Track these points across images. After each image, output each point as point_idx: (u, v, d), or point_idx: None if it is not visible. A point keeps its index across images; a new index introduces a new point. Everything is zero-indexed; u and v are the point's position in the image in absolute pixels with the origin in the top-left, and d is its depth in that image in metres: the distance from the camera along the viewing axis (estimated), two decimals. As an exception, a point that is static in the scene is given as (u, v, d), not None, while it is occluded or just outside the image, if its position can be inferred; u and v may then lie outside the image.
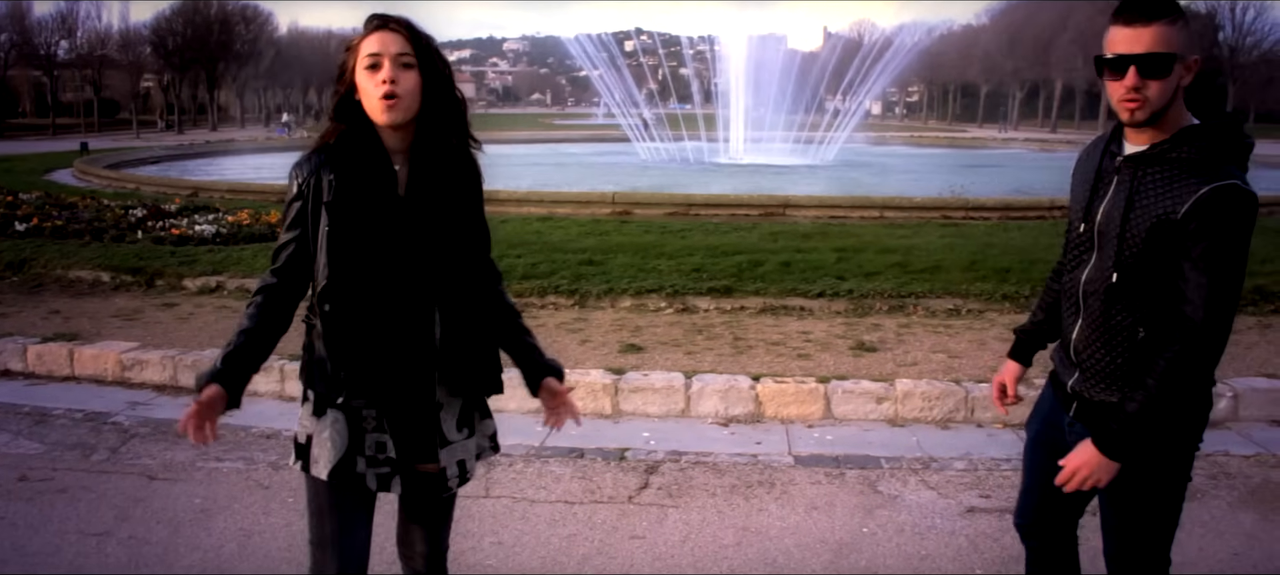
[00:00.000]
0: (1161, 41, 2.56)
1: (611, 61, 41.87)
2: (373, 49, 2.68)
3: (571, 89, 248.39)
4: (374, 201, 2.70)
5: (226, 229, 12.79)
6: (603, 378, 6.73)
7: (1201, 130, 2.64)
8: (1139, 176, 2.70)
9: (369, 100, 2.69)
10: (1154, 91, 2.59)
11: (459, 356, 2.82)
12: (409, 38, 2.71)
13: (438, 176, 2.76)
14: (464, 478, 2.96)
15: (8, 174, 24.06)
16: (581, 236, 12.36)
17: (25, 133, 72.71)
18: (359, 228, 2.69)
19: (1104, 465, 2.74)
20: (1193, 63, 2.63)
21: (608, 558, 4.61)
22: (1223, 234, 2.56)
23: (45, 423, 6.58)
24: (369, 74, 2.68)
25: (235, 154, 39.80)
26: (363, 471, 2.80)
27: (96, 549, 4.68)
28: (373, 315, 2.70)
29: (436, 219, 2.75)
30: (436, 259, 2.74)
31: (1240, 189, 2.55)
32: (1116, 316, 2.76)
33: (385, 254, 2.69)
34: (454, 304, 2.79)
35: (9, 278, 10.93)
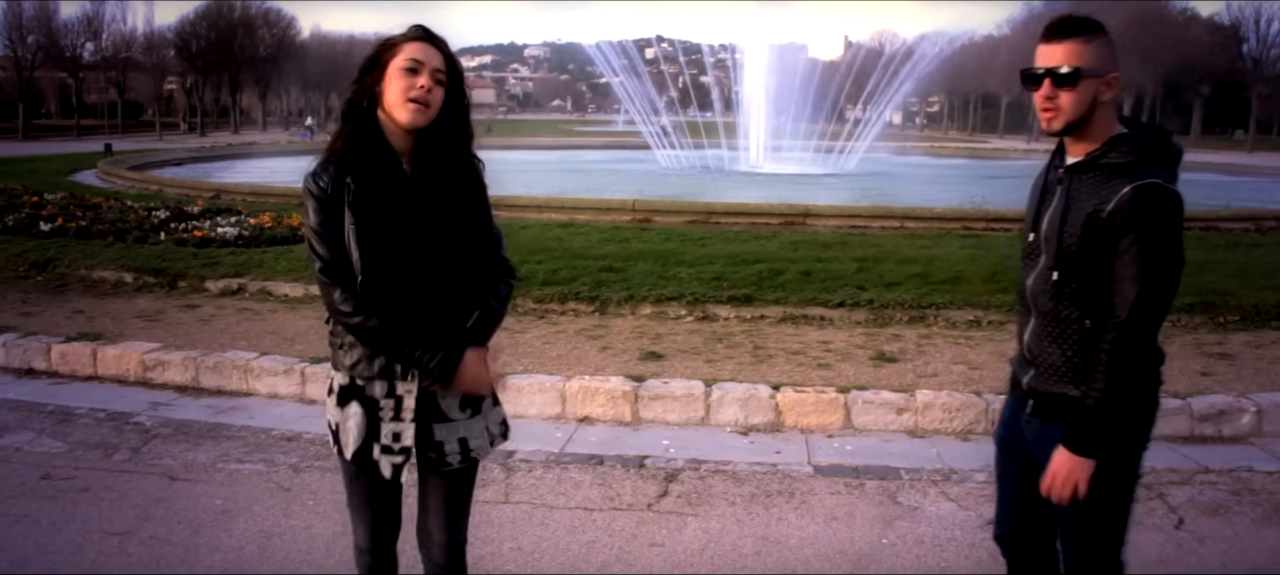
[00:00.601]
0: (1072, 57, 2.82)
1: (632, 68, 41.92)
2: (417, 55, 2.89)
3: (592, 95, 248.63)
4: (382, 197, 2.91)
5: (248, 231, 12.84)
6: (623, 385, 6.72)
7: (1129, 137, 2.86)
8: (1074, 183, 2.92)
9: (395, 96, 2.89)
10: (1065, 101, 2.84)
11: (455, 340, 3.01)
12: (445, 57, 2.95)
13: (439, 176, 2.98)
14: (466, 456, 3.11)
15: (33, 174, 24.25)
16: (602, 243, 12.36)
17: (50, 133, 73.31)
18: (382, 223, 2.90)
19: (1078, 464, 2.88)
20: (1112, 79, 2.86)
21: (627, 565, 4.61)
22: (1147, 230, 2.74)
23: (68, 422, 6.63)
24: (404, 76, 2.87)
25: (257, 157, 39.99)
26: (377, 458, 3.03)
27: (118, 548, 4.70)
28: (403, 301, 2.92)
29: (444, 217, 2.97)
30: (443, 248, 2.97)
31: (1162, 187, 2.74)
32: (1063, 311, 2.94)
33: (403, 245, 2.91)
34: (459, 294, 3.02)
35: (34, 277, 11.01)
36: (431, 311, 2.96)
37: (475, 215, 3.07)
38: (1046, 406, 3.03)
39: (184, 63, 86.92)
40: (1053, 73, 2.84)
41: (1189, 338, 8.14)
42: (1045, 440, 3.02)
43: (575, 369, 7.12)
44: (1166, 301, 2.81)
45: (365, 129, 2.94)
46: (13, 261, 11.58)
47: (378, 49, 2.96)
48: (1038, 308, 3.02)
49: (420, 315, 2.95)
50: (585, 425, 6.57)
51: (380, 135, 2.95)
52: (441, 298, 2.98)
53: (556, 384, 6.76)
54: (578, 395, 6.70)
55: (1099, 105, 2.86)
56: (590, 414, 6.66)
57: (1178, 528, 5.00)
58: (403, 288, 2.92)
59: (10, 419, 6.68)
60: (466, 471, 3.21)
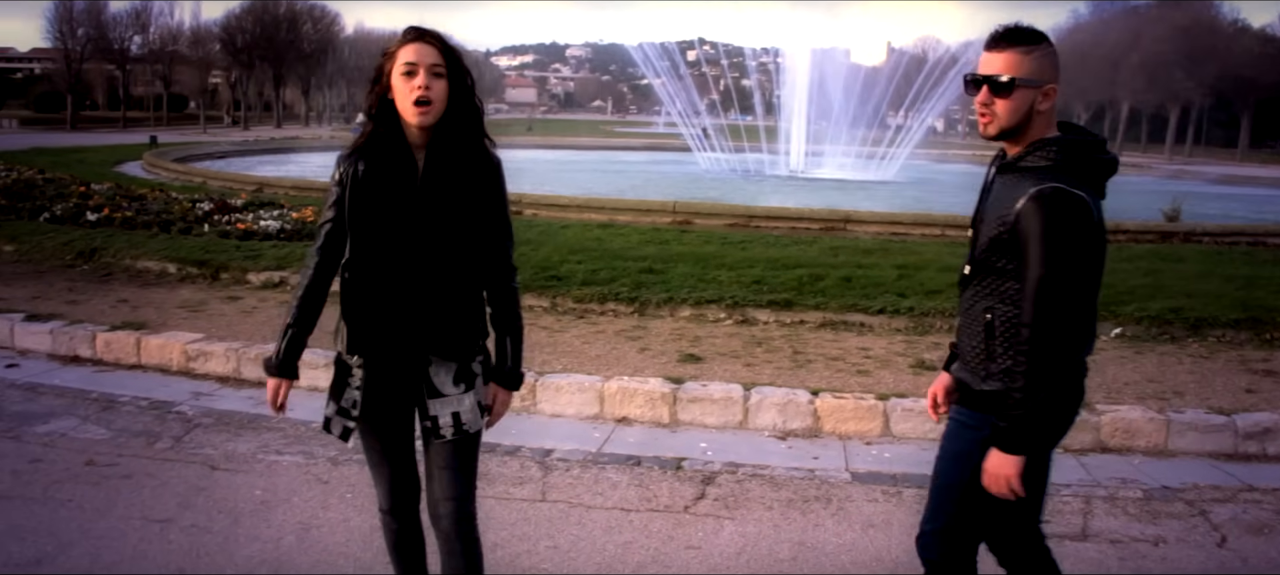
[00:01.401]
0: (1010, 67, 2.92)
1: (674, 70, 41.88)
2: (410, 58, 3.05)
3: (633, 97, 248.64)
4: (392, 187, 3.11)
5: (290, 225, 12.93)
6: (661, 387, 6.72)
7: (1051, 142, 2.95)
8: (998, 183, 3.08)
9: (402, 102, 3.07)
10: (1001, 109, 2.95)
11: (446, 325, 3.20)
12: (442, 51, 3.09)
13: (451, 170, 3.14)
14: (459, 429, 3.28)
15: (81, 165, 24.53)
16: (642, 244, 12.36)
17: (97, 125, 74.17)
18: (375, 208, 3.11)
19: (1008, 462, 2.93)
20: (1049, 89, 2.96)
21: (663, 566, 4.60)
22: (1046, 232, 2.82)
23: (112, 409, 6.70)
24: (405, 80, 3.05)
25: (300, 151, 40.24)
26: (330, 416, 3.34)
27: (159, 535, 4.75)
28: (380, 283, 3.14)
29: (446, 206, 3.12)
30: (441, 240, 3.13)
31: (1063, 191, 2.82)
32: (972, 304, 3.10)
33: (396, 231, 3.10)
34: (449, 280, 3.18)
35: (80, 266, 11.15)
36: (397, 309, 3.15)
37: (485, 210, 3.22)
38: (960, 391, 3.22)
39: (229, 57, 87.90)
40: (990, 80, 2.94)
41: (1234, 354, 8.04)
42: (955, 421, 3.25)
43: (614, 369, 7.12)
44: (1070, 302, 2.85)
45: (386, 124, 3.13)
46: (60, 250, 11.74)
47: (380, 60, 3.15)
48: (960, 296, 3.20)
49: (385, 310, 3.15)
50: (623, 426, 6.57)
51: (399, 130, 3.13)
52: (431, 290, 3.15)
53: (595, 384, 6.76)
54: (616, 396, 6.70)
55: (1036, 114, 2.96)
56: (628, 415, 6.66)
57: (1221, 546, 4.94)
58: (383, 273, 3.13)
59: (56, 405, 6.76)
60: (466, 442, 3.32)
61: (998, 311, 3.00)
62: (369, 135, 3.16)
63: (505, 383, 3.38)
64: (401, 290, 3.13)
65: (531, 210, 16.01)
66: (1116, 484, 5.68)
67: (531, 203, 16.42)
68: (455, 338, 3.23)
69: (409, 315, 3.15)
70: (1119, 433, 6.25)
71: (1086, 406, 6.45)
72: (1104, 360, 7.69)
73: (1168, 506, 5.37)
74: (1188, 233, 15.18)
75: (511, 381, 3.40)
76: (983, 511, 3.16)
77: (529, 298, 8.85)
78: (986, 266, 3.02)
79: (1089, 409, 6.41)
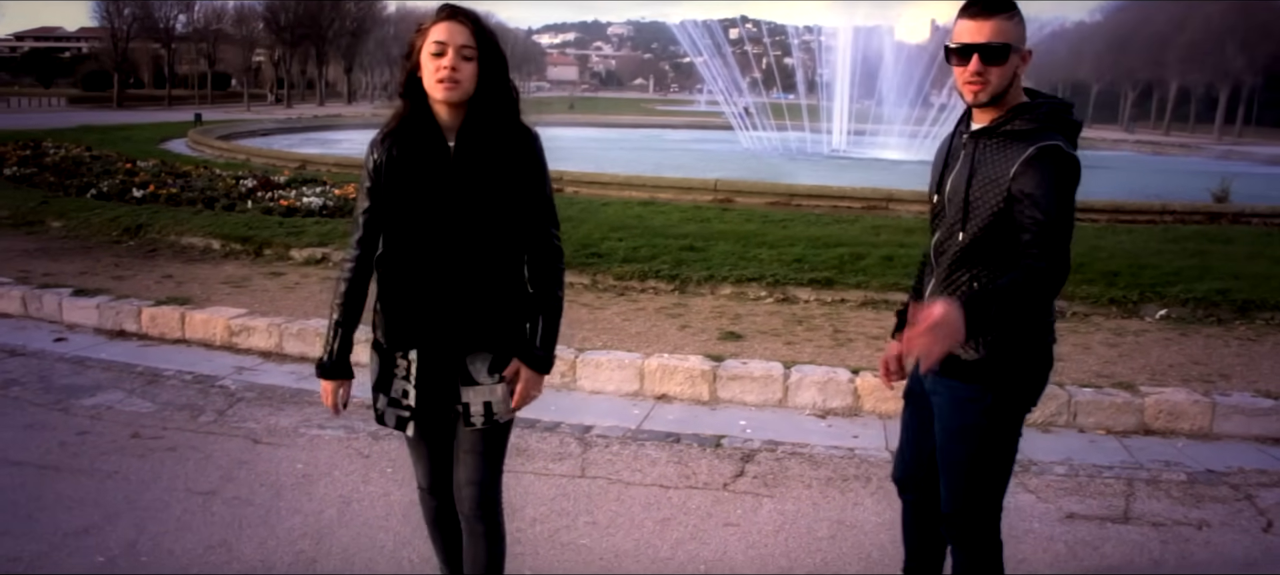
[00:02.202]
0: (1000, 33, 2.97)
1: (716, 48, 41.73)
2: (440, 37, 2.97)
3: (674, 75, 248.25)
4: (424, 170, 3.04)
5: (333, 202, 13.01)
6: (701, 364, 6.71)
7: (1032, 106, 3.05)
8: (980, 148, 3.10)
9: (428, 79, 3.00)
10: (994, 76, 3.00)
11: (484, 312, 3.14)
12: (474, 31, 3.00)
13: (484, 150, 3.05)
14: (489, 419, 3.23)
15: (127, 142, 24.79)
16: (683, 222, 12.34)
17: (143, 103, 75.00)
18: (409, 193, 3.05)
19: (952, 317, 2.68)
20: (1026, 54, 3.04)
21: (701, 543, 4.60)
22: (1053, 183, 2.91)
23: (157, 383, 6.78)
24: (433, 59, 2.98)
25: (342, 129, 40.51)
26: (382, 409, 3.32)
27: (202, 507, 4.80)
28: (416, 270, 3.10)
29: (480, 188, 3.05)
30: (476, 224, 3.06)
31: (1062, 149, 2.93)
32: (958, 270, 3.13)
33: (430, 216, 3.05)
34: (486, 265, 3.11)
35: (126, 242, 11.28)
36: (449, 286, 3.09)
37: (522, 189, 3.12)
38: (946, 363, 3.12)
39: (272, 35, 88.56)
40: (983, 48, 2.98)
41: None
42: (936, 396, 3.30)
43: (654, 347, 7.12)
44: (1064, 256, 2.90)
45: (416, 105, 3.07)
46: (107, 226, 11.89)
47: (412, 36, 3.08)
48: (938, 265, 3.21)
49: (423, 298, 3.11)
50: (663, 403, 6.57)
51: (428, 111, 3.07)
52: (466, 274, 3.09)
53: (635, 361, 6.76)
54: (656, 373, 6.70)
55: (1015, 79, 3.05)
56: (668, 392, 6.66)
57: (1266, 531, 4.87)
58: (417, 259, 3.09)
59: (103, 378, 6.85)
60: (495, 430, 3.28)
61: (984, 279, 3.07)
62: (400, 118, 3.09)
63: (531, 362, 3.21)
64: (438, 277, 3.08)
65: (573, 188, 16.00)
66: (1160, 466, 5.62)
67: (572, 180, 16.42)
68: (493, 325, 3.16)
69: (446, 303, 3.09)
70: (1163, 415, 6.18)
71: (1129, 388, 6.41)
72: (1148, 342, 7.61)
73: (1212, 490, 5.31)
74: (1237, 214, 14.95)
75: (537, 362, 3.22)
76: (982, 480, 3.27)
77: (570, 275, 8.83)
78: (980, 228, 3.05)
79: (1132, 391, 6.35)
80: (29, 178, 15.91)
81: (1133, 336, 7.81)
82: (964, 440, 3.24)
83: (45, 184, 15.26)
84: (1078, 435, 6.13)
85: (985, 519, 3.35)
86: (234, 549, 4.39)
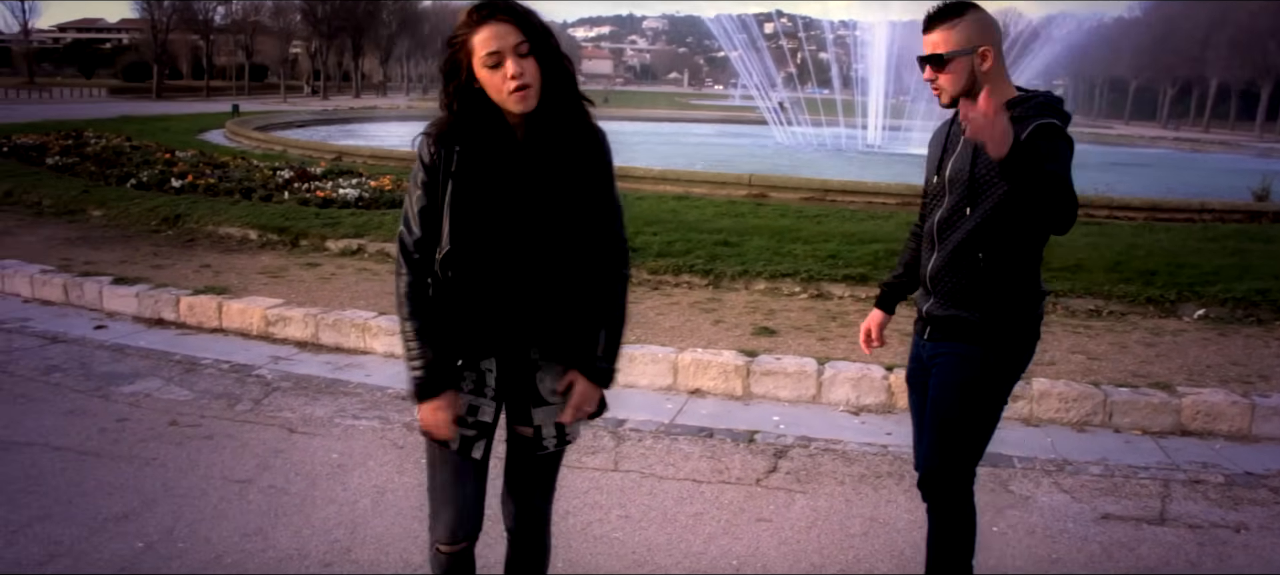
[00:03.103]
0: (942, 43, 3.23)
1: (751, 42, 41.63)
2: (491, 46, 2.66)
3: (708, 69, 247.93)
4: (495, 171, 2.76)
5: (369, 193, 13.07)
6: (735, 359, 6.70)
7: (1024, 98, 3.23)
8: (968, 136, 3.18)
9: (498, 95, 2.70)
10: (944, 81, 3.25)
11: (559, 322, 2.89)
12: (520, 25, 2.68)
13: (555, 147, 2.78)
14: (562, 440, 3.04)
15: (165, 133, 24.99)
16: (717, 217, 12.32)
17: (181, 94, 75.74)
18: (479, 195, 2.76)
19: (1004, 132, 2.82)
20: (985, 51, 3.21)
21: (733, 538, 4.60)
22: (1055, 148, 3.05)
23: (194, 371, 6.84)
24: (492, 72, 2.68)
25: (377, 121, 40.67)
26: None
27: (238, 495, 4.85)
28: (487, 278, 2.80)
29: (553, 188, 2.78)
30: (551, 227, 2.79)
31: (1059, 126, 3.13)
32: (966, 245, 3.28)
33: (503, 220, 2.76)
34: (559, 271, 2.84)
35: (165, 231, 11.38)
36: (522, 293, 2.81)
37: (593, 189, 2.85)
38: (941, 328, 3.41)
39: (309, 27, 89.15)
40: (930, 59, 3.26)
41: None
42: (937, 359, 3.45)
43: (688, 341, 7.12)
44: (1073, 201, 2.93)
45: (475, 101, 2.76)
46: (146, 216, 12.00)
47: (449, 49, 2.76)
48: (941, 242, 3.36)
49: (496, 308, 2.82)
50: (696, 398, 6.57)
51: (491, 105, 2.75)
52: (540, 280, 2.82)
53: (669, 355, 6.76)
54: (690, 367, 6.70)
55: (982, 75, 3.21)
56: (701, 387, 6.66)
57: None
58: (489, 265, 2.79)
59: (142, 366, 6.92)
60: (559, 453, 3.10)
61: (990, 252, 3.25)
62: (457, 111, 2.76)
63: (593, 375, 2.94)
64: (511, 285, 2.80)
65: (607, 182, 15.97)
66: (1197, 468, 5.57)
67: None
68: (569, 336, 2.90)
69: (521, 313, 2.83)
70: (1200, 416, 6.13)
71: (1167, 388, 6.36)
72: (1186, 342, 7.54)
73: (1251, 493, 5.25)
74: (1278, 213, 14.77)
75: (599, 375, 2.95)
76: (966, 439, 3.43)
77: (603, 269, 8.88)
78: (996, 216, 3.21)
79: (1169, 391, 6.30)
80: (70, 167, 16.09)
81: (1170, 336, 7.74)
82: (958, 396, 3.39)
83: (86, 173, 15.42)
84: (1113, 435, 6.08)
85: (961, 478, 3.52)
86: (269, 537, 4.43)
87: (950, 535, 3.57)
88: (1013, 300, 3.31)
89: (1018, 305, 3.33)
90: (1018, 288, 3.31)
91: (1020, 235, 3.23)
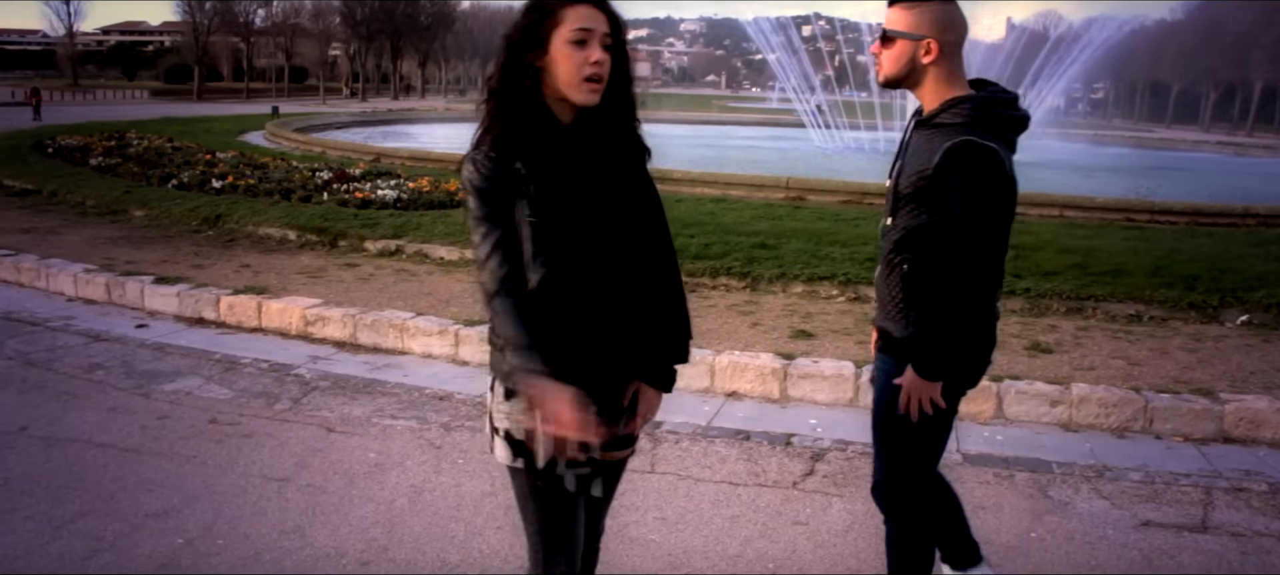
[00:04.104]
0: (891, 21, 3.24)
1: (789, 45, 41.53)
2: (585, 23, 2.47)
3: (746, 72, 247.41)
4: (569, 181, 2.53)
5: (407, 195, 13.15)
6: (772, 362, 6.69)
7: (962, 100, 3.16)
8: (914, 139, 3.30)
9: (567, 74, 2.49)
10: (885, 58, 3.26)
11: (646, 338, 2.73)
12: (608, 15, 2.53)
13: (612, 156, 2.63)
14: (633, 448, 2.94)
15: (206, 134, 25.26)
16: (754, 220, 12.30)
17: (222, 96, 76.55)
18: (562, 210, 2.51)
19: (922, 385, 3.20)
20: (929, 44, 3.19)
21: (770, 541, 4.58)
22: (962, 181, 3.04)
23: (234, 370, 6.90)
24: (574, 49, 2.47)
25: (415, 122, 40.92)
26: (562, 473, 2.67)
27: (277, 493, 4.88)
28: (584, 299, 2.58)
29: (620, 194, 2.63)
30: (623, 236, 2.63)
31: (976, 144, 3.03)
32: (893, 255, 3.29)
33: (588, 235, 2.56)
34: (640, 284, 2.69)
35: (205, 231, 11.50)
36: (619, 311, 2.64)
37: (649, 191, 2.73)
38: (882, 340, 3.42)
39: (348, 30, 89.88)
40: (882, 33, 3.27)
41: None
42: (879, 370, 3.45)
43: (725, 344, 7.11)
44: (985, 246, 3.04)
45: (531, 108, 2.53)
46: (187, 216, 12.14)
47: (534, 15, 2.51)
48: (882, 248, 3.37)
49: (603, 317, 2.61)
50: (733, 400, 6.56)
51: (551, 115, 2.55)
52: (629, 293, 2.66)
53: (705, 358, 6.75)
54: (726, 370, 6.69)
55: (923, 66, 3.22)
56: (738, 389, 6.65)
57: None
58: (584, 286, 2.57)
59: (183, 364, 6.99)
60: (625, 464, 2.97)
61: (913, 261, 3.21)
62: (508, 121, 2.52)
63: (660, 382, 2.83)
64: (608, 304, 2.62)
65: (644, 184, 15.98)
66: (1239, 476, 5.50)
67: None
68: (657, 351, 2.78)
69: (617, 333, 2.65)
70: (1243, 423, 6.05)
71: (1209, 394, 6.28)
72: (1228, 348, 7.45)
73: (1295, 500, 5.19)
74: (1323, 219, 14.56)
75: (666, 381, 2.84)
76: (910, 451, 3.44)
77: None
78: (906, 218, 3.23)
79: (1211, 397, 6.23)
80: (113, 168, 16.30)
81: (1212, 342, 7.65)
82: (885, 413, 3.41)
83: (129, 174, 15.63)
84: (1154, 441, 6.02)
85: (913, 489, 3.52)
86: (307, 535, 4.46)
87: (905, 544, 3.64)
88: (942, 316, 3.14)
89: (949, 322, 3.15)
90: (950, 303, 3.10)
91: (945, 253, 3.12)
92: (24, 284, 9.37)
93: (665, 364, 2.83)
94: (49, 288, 9.18)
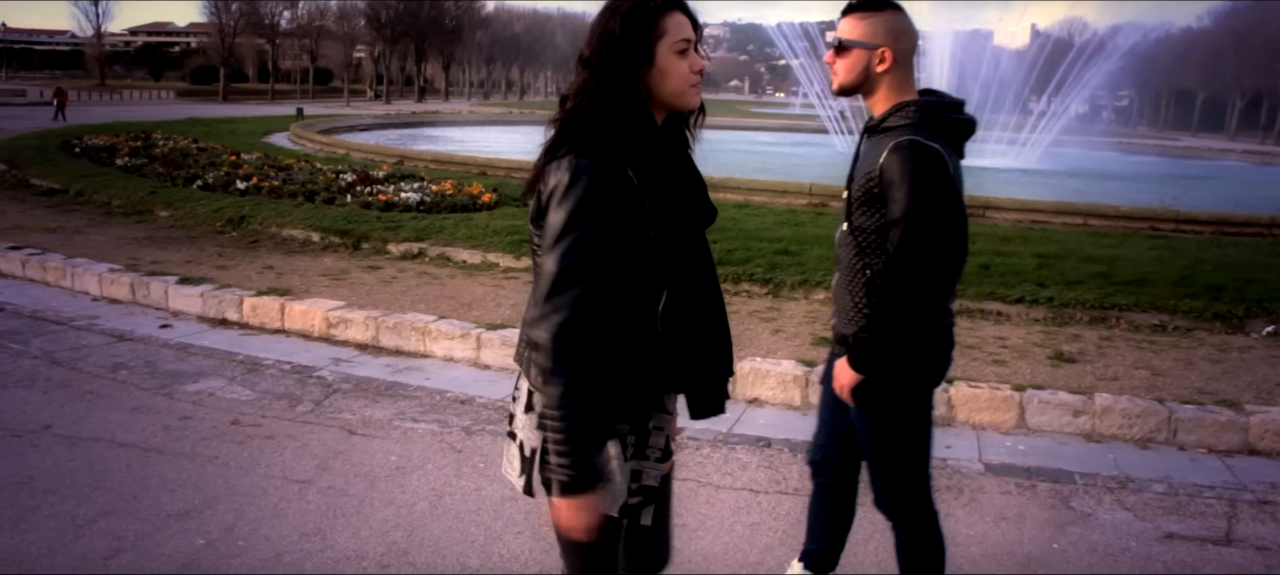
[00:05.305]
0: (846, 31, 3.27)
1: (813, 50, 41.47)
2: (687, 33, 2.46)
3: (770, 77, 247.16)
4: (676, 194, 2.50)
5: (430, 198, 13.19)
6: (794, 369, 6.67)
7: (908, 104, 3.22)
8: (864, 144, 3.36)
9: (675, 82, 2.46)
10: (839, 66, 3.30)
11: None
12: (693, 20, 2.52)
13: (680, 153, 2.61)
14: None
15: (231, 135, 25.40)
16: (777, 226, 12.28)
17: (247, 97, 77.00)
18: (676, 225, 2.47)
19: (849, 375, 3.33)
20: (883, 53, 3.23)
21: (791, 549, 4.56)
22: (904, 179, 3.07)
23: (257, 371, 6.93)
24: (680, 59, 2.45)
25: (439, 125, 41.04)
26: (636, 503, 2.61)
27: (298, 495, 4.90)
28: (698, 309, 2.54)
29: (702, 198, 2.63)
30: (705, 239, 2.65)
31: (920, 143, 3.08)
32: (852, 260, 3.32)
33: (694, 245, 2.55)
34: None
35: (229, 232, 11.55)
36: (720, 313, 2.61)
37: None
38: (840, 343, 3.46)
39: (373, 32, 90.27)
40: (836, 43, 3.30)
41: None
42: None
43: (746, 350, 7.09)
44: (932, 246, 3.07)
45: (642, 120, 2.46)
46: (211, 217, 12.20)
47: (637, 26, 2.42)
48: (838, 258, 3.43)
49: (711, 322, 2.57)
50: (754, 407, 6.54)
51: (655, 124, 2.49)
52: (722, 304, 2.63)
53: (725, 364, 6.72)
54: (748, 377, 6.67)
55: (876, 75, 3.26)
56: (760, 396, 6.63)
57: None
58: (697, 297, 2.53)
59: (205, 365, 7.03)
60: None
61: (875, 266, 3.24)
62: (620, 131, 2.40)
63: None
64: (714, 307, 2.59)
65: (666, 189, 15.96)
66: (1265, 488, 5.45)
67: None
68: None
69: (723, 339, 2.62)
70: (1269, 435, 6.00)
71: (1233, 406, 6.24)
72: (1253, 359, 7.40)
73: (1321, 514, 5.14)
74: (1352, 230, 14.42)
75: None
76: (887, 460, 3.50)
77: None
78: (861, 223, 3.26)
79: (1236, 409, 6.18)
80: (139, 168, 16.42)
81: (1237, 353, 7.59)
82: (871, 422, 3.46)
83: (154, 174, 15.74)
84: (1177, 453, 5.97)
85: (912, 494, 3.55)
86: (328, 537, 4.47)
87: (913, 548, 3.66)
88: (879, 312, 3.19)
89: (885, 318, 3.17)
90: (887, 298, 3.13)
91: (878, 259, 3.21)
92: (50, 283, 9.44)
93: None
94: (74, 287, 9.24)
